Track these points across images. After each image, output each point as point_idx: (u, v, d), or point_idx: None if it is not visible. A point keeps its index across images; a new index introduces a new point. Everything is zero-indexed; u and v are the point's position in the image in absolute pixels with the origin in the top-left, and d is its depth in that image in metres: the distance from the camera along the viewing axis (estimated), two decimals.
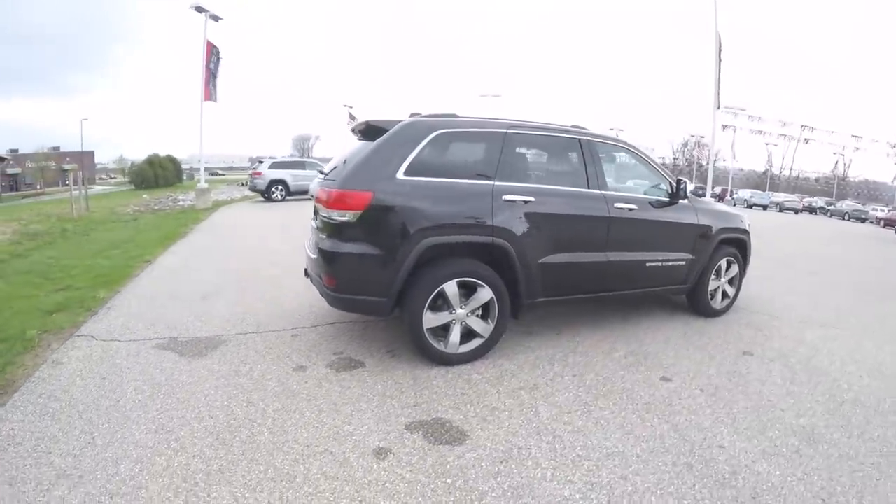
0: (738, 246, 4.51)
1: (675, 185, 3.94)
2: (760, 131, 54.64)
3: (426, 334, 2.96)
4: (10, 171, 50.41)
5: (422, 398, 2.69)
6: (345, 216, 2.84)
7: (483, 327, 3.12)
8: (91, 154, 67.16)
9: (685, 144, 62.09)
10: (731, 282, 4.52)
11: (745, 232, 4.55)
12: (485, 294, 3.04)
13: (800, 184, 58.52)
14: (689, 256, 4.06)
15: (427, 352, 3.01)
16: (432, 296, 2.91)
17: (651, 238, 3.84)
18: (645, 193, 3.96)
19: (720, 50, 14.67)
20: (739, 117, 48.21)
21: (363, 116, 3.42)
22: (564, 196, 3.42)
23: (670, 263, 3.96)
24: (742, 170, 59.08)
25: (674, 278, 4.05)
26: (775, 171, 59.15)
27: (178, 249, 7.42)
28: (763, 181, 56.46)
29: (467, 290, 3.05)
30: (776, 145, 56.72)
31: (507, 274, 3.12)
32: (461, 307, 3.02)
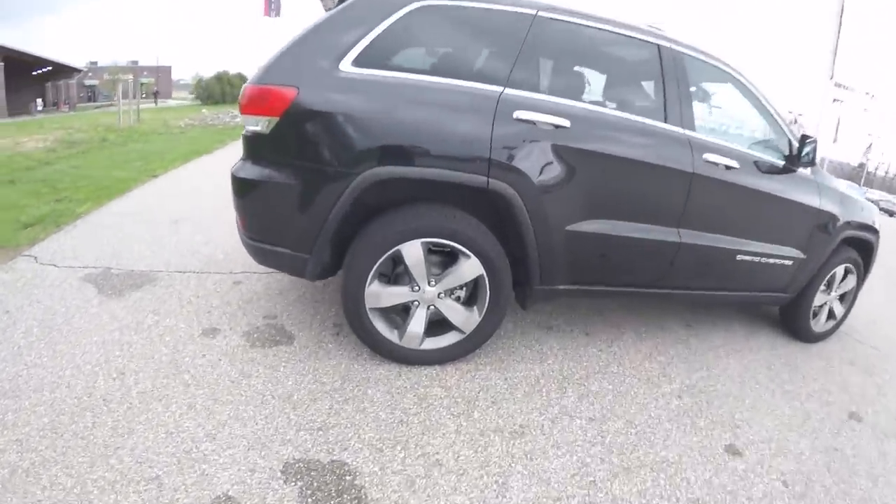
0: (861, 250, 3.24)
1: (796, 144, 2.66)
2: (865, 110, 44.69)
3: (368, 315, 1.98)
4: (87, 82, 54.82)
5: (338, 416, 1.77)
6: (258, 125, 1.86)
7: (463, 317, 2.06)
8: (168, 69, 72.43)
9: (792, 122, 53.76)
10: (842, 298, 3.32)
11: (875, 232, 3.27)
12: (470, 267, 1.97)
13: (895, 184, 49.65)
14: (798, 254, 2.82)
15: (370, 340, 2.06)
16: (382, 259, 1.91)
17: (751, 217, 2.62)
18: (749, 149, 2.61)
19: (842, 10, 11.34)
20: (847, 96, 39.27)
21: None
22: (623, 128, 2.17)
23: (772, 261, 2.73)
24: (831, 161, 49.88)
25: (771, 283, 2.84)
26: (871, 166, 50.01)
27: (194, 164, 7.30)
28: (856, 174, 48.08)
29: (444, 259, 2.02)
30: (879, 137, 47.17)
31: (511, 240, 2.03)
32: (430, 283, 1.98)
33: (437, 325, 2.08)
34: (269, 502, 1.39)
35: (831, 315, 3.27)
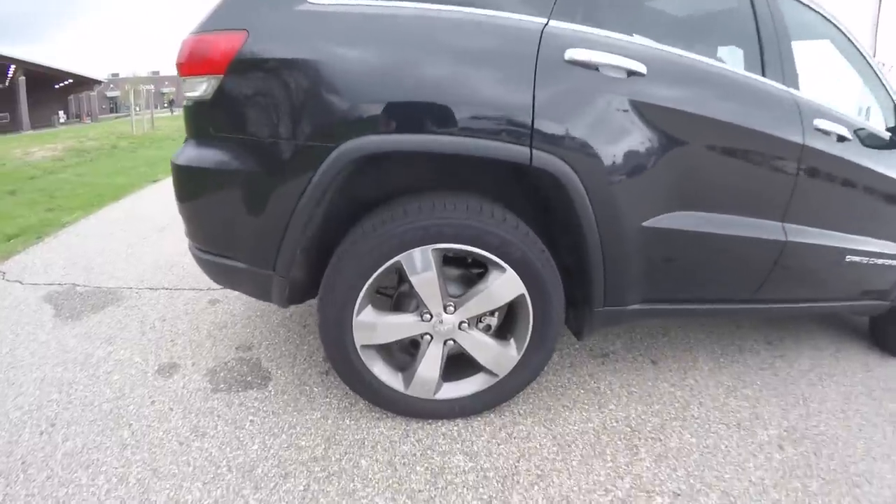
0: None
1: None
2: None
3: (360, 355, 1.43)
4: (109, 94, 56.26)
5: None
6: (199, 88, 1.33)
7: (495, 354, 1.47)
8: None
9: None
10: None
11: None
12: (506, 285, 1.38)
13: None
14: None
15: (364, 389, 1.50)
16: (375, 275, 1.34)
17: (865, 207, 2.00)
18: (866, 121, 2.02)
19: None
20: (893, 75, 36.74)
21: None
22: (717, 81, 1.54)
23: (880, 261, 2.07)
24: None
25: (873, 288, 2.18)
26: None
27: None
28: None
29: (466, 274, 1.48)
30: None
31: (564, 244, 1.46)
32: (448, 308, 1.40)
33: (459, 365, 1.52)
34: None
35: None
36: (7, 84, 34.35)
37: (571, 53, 1.28)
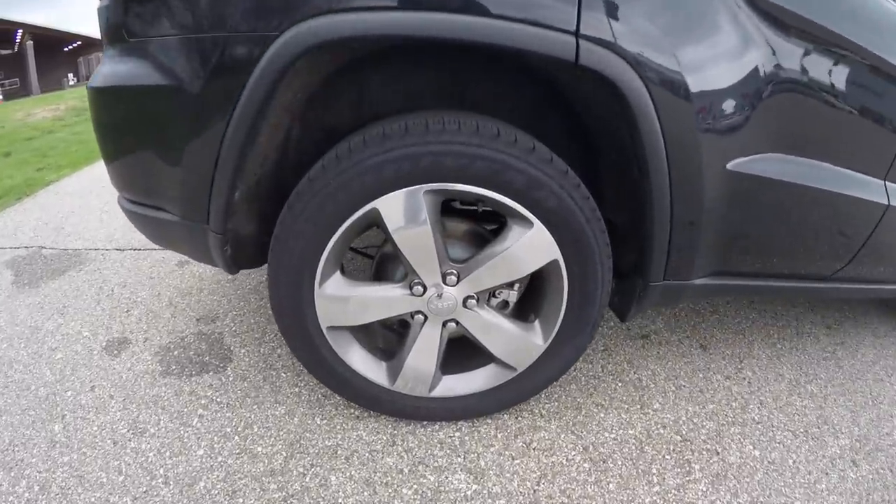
0: None
1: None
2: None
3: (327, 339, 1.10)
4: None
5: None
6: None
7: (514, 340, 1.12)
8: None
9: None
10: None
11: None
12: (532, 244, 0.99)
13: None
14: None
15: (335, 383, 1.18)
16: (343, 229, 0.97)
17: None
18: None
19: None
20: None
21: None
22: None
23: None
24: None
25: None
26: None
27: None
28: None
29: (475, 229, 1.13)
30: None
31: (615, 189, 1.10)
32: (449, 276, 1.04)
33: (463, 353, 1.18)
34: None
35: None
36: (16, 50, 34.81)
37: None
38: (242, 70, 0.83)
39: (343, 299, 1.03)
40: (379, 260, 1.15)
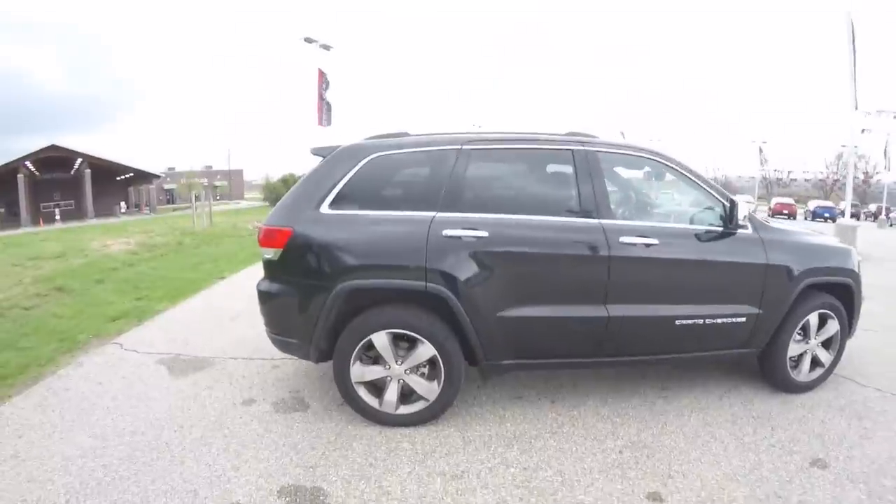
0: (839, 294, 3.45)
1: (727, 208, 3.09)
2: None
3: (354, 387, 2.88)
4: (166, 186, 63.14)
5: (326, 459, 2.64)
6: (269, 254, 2.97)
7: (426, 388, 2.88)
8: (240, 172, 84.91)
9: (839, 157, 59.39)
10: (826, 344, 3.50)
11: (852, 274, 3.50)
12: (425, 350, 2.82)
13: None
14: (752, 310, 3.15)
15: (358, 407, 2.93)
16: (359, 347, 2.83)
17: (685, 285, 3.08)
18: (691, 222, 3.22)
19: (853, 38, 11.82)
20: (877, 122, 37.99)
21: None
22: (535, 228, 2.91)
23: (720, 321, 3.09)
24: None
25: (728, 340, 3.19)
26: None
27: (255, 267, 8.42)
28: None
29: (410, 344, 2.88)
30: None
31: (458, 328, 2.84)
32: (398, 363, 2.86)
33: (410, 394, 2.92)
34: None
35: (817, 363, 3.48)
36: (73, 174, 39.43)
37: (447, 231, 2.80)
38: (326, 297, 2.80)
39: (361, 371, 2.85)
40: (374, 357, 2.94)
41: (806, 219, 33.25)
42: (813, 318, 3.37)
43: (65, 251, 10.52)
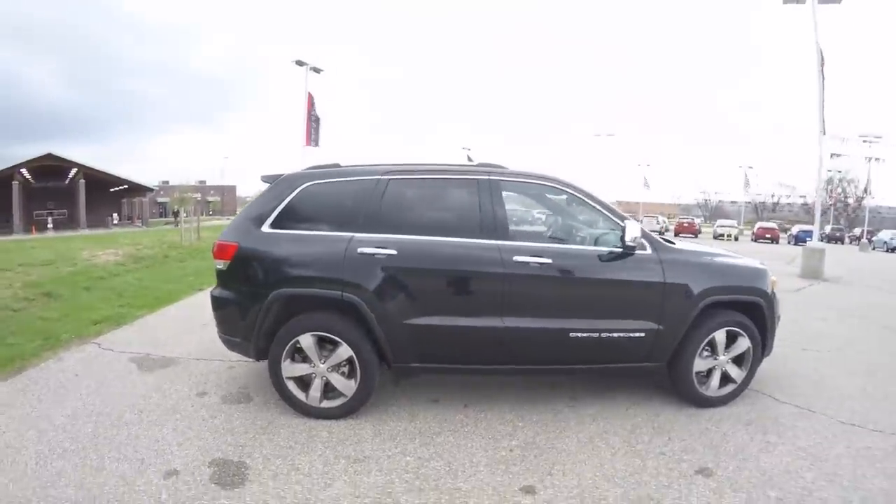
0: (748, 312, 3.79)
1: (623, 230, 3.51)
2: None
3: (286, 382, 3.50)
4: (160, 199, 64.45)
5: (255, 441, 3.23)
6: (221, 265, 3.63)
7: (344, 385, 3.48)
8: (233, 188, 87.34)
9: (829, 181, 63.70)
10: (738, 361, 3.79)
11: (762, 293, 3.83)
12: (343, 351, 3.41)
13: None
14: (651, 325, 3.55)
15: (288, 399, 3.55)
16: (289, 346, 3.42)
17: (579, 301, 3.56)
18: (594, 243, 3.72)
19: (822, 65, 12.76)
20: (874, 146, 42.03)
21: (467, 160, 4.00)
22: (437, 247, 3.47)
23: (617, 335, 3.52)
24: (891, 207, 49.60)
25: (628, 353, 3.58)
26: None
27: None
28: None
29: (333, 346, 3.48)
30: None
31: (371, 332, 3.44)
32: (322, 362, 3.46)
33: (332, 389, 3.52)
34: (197, 476, 2.83)
35: (727, 379, 3.76)
36: (67, 183, 40.10)
37: (361, 248, 3.43)
38: (262, 302, 3.41)
39: (292, 368, 3.48)
40: (303, 356, 3.54)
41: (789, 242, 34.88)
42: (720, 335, 3.67)
43: (55, 259, 11.10)
